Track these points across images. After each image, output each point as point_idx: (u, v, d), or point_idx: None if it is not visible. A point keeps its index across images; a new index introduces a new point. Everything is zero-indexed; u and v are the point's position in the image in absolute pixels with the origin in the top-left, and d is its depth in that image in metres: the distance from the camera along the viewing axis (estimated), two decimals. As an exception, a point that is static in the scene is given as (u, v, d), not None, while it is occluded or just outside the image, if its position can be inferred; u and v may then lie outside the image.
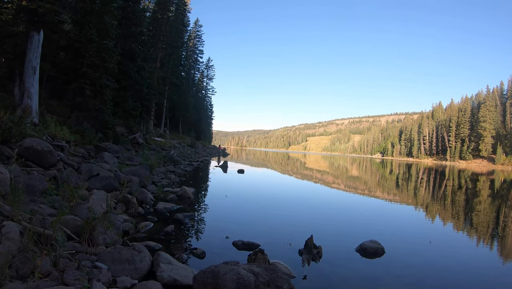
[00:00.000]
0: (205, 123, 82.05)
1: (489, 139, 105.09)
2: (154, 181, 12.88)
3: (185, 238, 6.67)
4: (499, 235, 10.39)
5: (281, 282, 3.74)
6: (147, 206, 8.83)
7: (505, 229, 11.45)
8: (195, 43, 63.21)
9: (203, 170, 25.23)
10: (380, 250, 6.87)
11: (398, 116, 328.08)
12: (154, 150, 25.00)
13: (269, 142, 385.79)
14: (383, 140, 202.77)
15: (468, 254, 7.96)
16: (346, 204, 14.98)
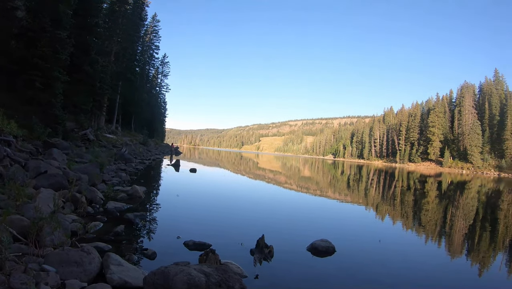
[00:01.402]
0: (158, 121, 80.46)
1: (437, 143, 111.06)
2: (104, 180, 12.49)
3: (136, 239, 6.51)
4: (446, 233, 10.97)
5: (232, 282, 3.75)
6: (96, 206, 8.53)
7: (452, 227, 12.12)
8: (151, 38, 61.47)
9: (155, 168, 24.83)
10: (331, 249, 7.04)
11: (350, 120, 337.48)
12: (105, 147, 24.30)
13: (222, 142, 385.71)
14: (335, 142, 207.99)
15: (417, 251, 8.35)
16: (297, 203, 15.23)
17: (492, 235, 11.23)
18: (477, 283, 6.49)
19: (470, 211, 16.81)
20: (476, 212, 16.64)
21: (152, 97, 69.44)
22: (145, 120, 63.03)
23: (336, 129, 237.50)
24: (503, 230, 12.35)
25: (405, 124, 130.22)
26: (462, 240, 10.21)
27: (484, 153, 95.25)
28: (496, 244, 10.00)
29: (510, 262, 8.18)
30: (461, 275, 6.84)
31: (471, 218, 14.83)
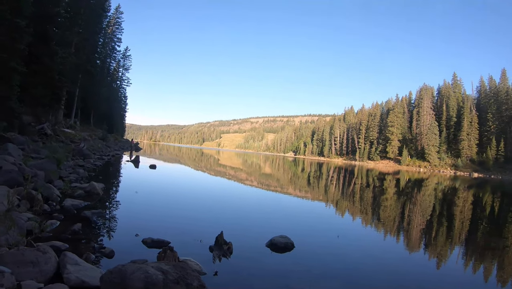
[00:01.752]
0: (118, 116, 78.65)
1: (396, 142, 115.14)
2: (61, 176, 12.11)
3: (94, 237, 6.36)
4: (405, 229, 11.38)
5: (191, 279, 3.75)
6: (53, 203, 8.24)
7: (410, 223, 12.58)
8: (113, 30, 59.54)
9: (114, 164, 24.31)
10: (290, 244, 7.15)
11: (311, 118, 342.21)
12: (63, 142, 23.55)
13: (183, 138, 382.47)
14: (296, 140, 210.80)
15: (375, 246, 8.63)
16: (257, 200, 15.37)
17: (449, 230, 11.76)
18: (435, 275, 6.78)
19: (427, 207, 17.48)
20: (433, 208, 17.32)
21: (112, 91, 67.41)
22: (105, 115, 61.28)
23: (297, 127, 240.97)
24: (458, 225, 12.98)
25: (365, 124, 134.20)
26: (420, 235, 10.63)
27: (441, 152, 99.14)
28: (453, 239, 10.50)
29: (467, 255, 8.64)
30: (419, 268, 7.12)
31: (428, 214, 15.44)
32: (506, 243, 10.26)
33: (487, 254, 8.83)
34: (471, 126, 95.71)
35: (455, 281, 6.55)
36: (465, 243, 10.12)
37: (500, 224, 14.11)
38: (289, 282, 5.40)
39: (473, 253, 8.97)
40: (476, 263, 7.93)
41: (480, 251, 9.13)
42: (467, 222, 14.02)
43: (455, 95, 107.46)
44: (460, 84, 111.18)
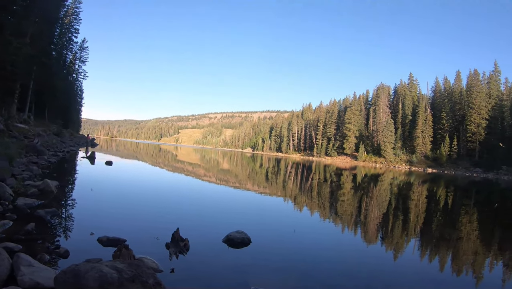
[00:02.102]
0: (74, 111, 76.04)
1: (352, 139, 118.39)
2: (14, 174, 11.64)
3: (48, 237, 6.18)
4: (362, 222, 11.78)
5: (146, 277, 3.77)
6: (5, 202, 7.90)
7: (367, 216, 13.00)
8: (71, 20, 57.20)
9: (69, 161, 23.55)
10: (247, 240, 7.27)
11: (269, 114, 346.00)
12: (15, 138, 22.56)
13: (140, 133, 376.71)
14: (254, 136, 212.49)
15: (332, 239, 8.91)
16: (215, 196, 15.41)
17: (404, 223, 12.29)
18: (392, 266, 7.07)
19: (384, 201, 18.12)
20: (389, 202, 17.99)
21: (68, 85, 64.70)
22: (60, 110, 59.05)
23: (256, 123, 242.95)
24: (414, 218, 13.56)
25: (322, 120, 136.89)
26: (377, 228, 11.02)
27: (396, 148, 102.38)
28: (408, 231, 11.00)
29: (422, 246, 9.07)
30: (377, 260, 7.38)
31: (385, 207, 16.05)
32: (459, 234, 10.87)
33: (441, 245, 9.31)
34: (425, 124, 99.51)
35: (411, 271, 6.86)
36: (420, 235, 10.60)
37: (453, 216, 14.90)
38: (246, 277, 5.47)
39: (428, 244, 9.42)
40: (431, 254, 8.31)
41: (435, 242, 9.58)
42: (422, 214, 14.67)
43: (411, 94, 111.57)
44: (416, 84, 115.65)
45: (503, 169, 74.25)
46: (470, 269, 7.29)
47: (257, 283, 5.14)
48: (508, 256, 8.61)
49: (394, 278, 6.33)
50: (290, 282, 5.49)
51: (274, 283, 5.34)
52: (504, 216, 16.75)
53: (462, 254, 8.45)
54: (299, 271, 6.02)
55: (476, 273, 7.05)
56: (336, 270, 6.40)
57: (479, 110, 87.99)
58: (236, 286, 5.14)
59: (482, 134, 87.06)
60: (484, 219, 15.30)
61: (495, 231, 12.44)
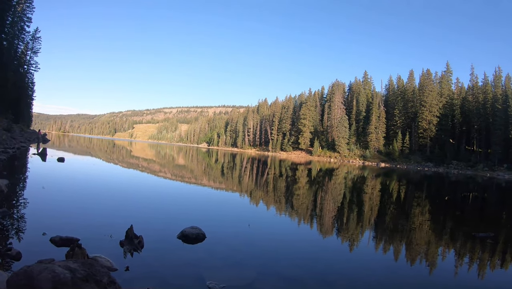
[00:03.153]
0: (25, 104, 71.51)
1: (308, 134, 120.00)
2: (-42, 173, 11.28)
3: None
4: (317, 215, 12.09)
5: (100, 276, 3.78)
6: None
7: (322, 210, 13.35)
8: (24, 8, 53.72)
9: (20, 158, 22.65)
10: (201, 235, 7.37)
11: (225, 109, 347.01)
12: (-39, 135, 21.62)
13: (94, 129, 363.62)
14: (209, 131, 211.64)
15: (288, 233, 9.12)
16: (169, 192, 15.45)
17: (359, 215, 12.76)
18: (347, 258, 7.38)
19: (338, 195, 18.68)
20: (343, 196, 18.57)
21: (19, 77, 61.17)
22: (11, 103, 55.96)
23: (211, 118, 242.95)
24: (368, 210, 14.11)
25: (278, 116, 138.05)
26: (332, 221, 11.40)
27: (350, 143, 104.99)
28: (363, 223, 11.44)
29: (377, 237, 9.49)
30: (332, 252, 7.70)
31: (339, 201, 16.57)
32: (413, 225, 11.49)
33: (395, 235, 9.77)
34: (379, 120, 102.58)
35: (366, 261, 7.18)
36: (375, 227, 11.12)
37: (406, 208, 15.62)
38: (202, 271, 5.52)
39: (383, 235, 9.88)
40: (386, 244, 8.72)
41: (389, 233, 10.05)
42: (376, 207, 15.32)
43: (365, 91, 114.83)
44: (370, 82, 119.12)
45: (453, 164, 78.45)
46: (423, 257, 7.71)
47: (212, 278, 5.23)
48: (459, 245, 9.20)
49: (350, 268, 6.64)
50: (246, 276, 5.59)
51: (230, 277, 5.43)
52: (455, 207, 17.79)
53: (416, 243, 8.94)
54: (254, 265, 6.16)
55: (429, 260, 7.49)
56: (292, 262, 6.57)
57: (431, 108, 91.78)
58: (191, 282, 5.20)
59: (433, 131, 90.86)
60: (435, 210, 16.11)
61: (447, 222, 13.21)
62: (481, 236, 9.52)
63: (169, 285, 5.00)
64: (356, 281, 5.91)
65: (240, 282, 5.33)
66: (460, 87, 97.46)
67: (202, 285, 5.05)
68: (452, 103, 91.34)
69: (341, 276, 6.07)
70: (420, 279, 6.29)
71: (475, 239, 9.40)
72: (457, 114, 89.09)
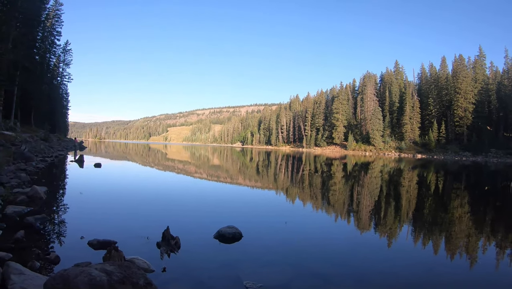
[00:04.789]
0: (60, 114, 75.16)
1: (341, 128, 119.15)
2: (2, 182, 11.51)
3: (38, 243, 6.14)
4: (354, 210, 11.79)
5: (136, 278, 3.78)
6: None
7: (359, 205, 13.04)
8: (53, 23, 56.44)
9: (58, 166, 23.32)
10: (238, 234, 7.30)
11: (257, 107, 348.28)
12: (2, 146, 22.30)
13: (129, 134, 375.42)
14: (243, 130, 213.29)
15: (325, 230, 8.88)
16: (205, 192, 15.41)
17: (397, 209, 12.38)
18: (386, 253, 7.09)
19: (375, 189, 18.21)
20: (380, 189, 18.10)
21: (53, 89, 64.55)
22: (47, 114, 58.42)
23: (244, 117, 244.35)
24: (406, 203, 13.69)
25: (310, 111, 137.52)
26: (369, 216, 11.06)
27: (385, 136, 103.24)
28: (401, 217, 11.08)
29: (415, 231, 9.13)
30: (370, 248, 7.37)
31: (376, 195, 16.13)
32: (452, 217, 11.01)
33: (434, 229, 9.37)
34: (413, 110, 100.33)
35: (405, 257, 6.90)
36: (413, 220, 10.73)
37: (445, 200, 15.03)
38: (238, 271, 5.44)
39: (421, 229, 9.49)
40: (425, 239, 8.37)
41: (427, 227, 9.66)
42: (414, 200, 14.83)
43: (397, 81, 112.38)
44: (402, 71, 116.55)
45: (491, 152, 75.55)
46: (463, 251, 7.34)
47: (249, 278, 5.14)
48: (500, 237, 8.72)
49: (388, 265, 6.35)
50: (283, 275, 5.46)
51: (267, 277, 5.32)
52: (495, 198, 16.96)
53: (455, 237, 8.53)
54: (291, 263, 5.99)
55: (469, 254, 7.11)
56: (330, 259, 6.39)
57: (466, 94, 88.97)
58: (228, 283, 5.11)
59: (469, 119, 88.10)
60: (475, 201, 15.47)
61: (487, 213, 12.60)
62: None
63: (206, 286, 4.94)
64: (394, 277, 5.66)
65: (277, 282, 5.21)
66: (495, 71, 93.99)
67: (239, 285, 4.96)
68: (487, 89, 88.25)
69: (379, 273, 5.82)
70: (460, 273, 6.00)
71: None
72: (493, 99, 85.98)
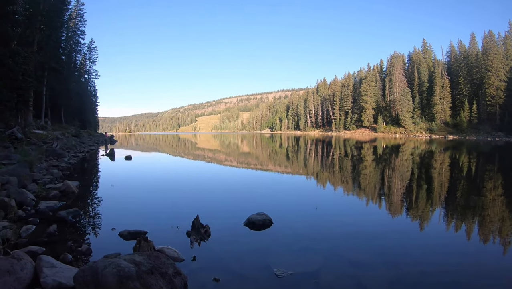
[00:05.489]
0: (89, 111, 76.91)
1: (370, 111, 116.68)
2: (35, 179, 11.84)
3: (70, 237, 6.24)
4: (385, 194, 11.60)
5: (165, 268, 3.78)
6: (28, 207, 8.06)
7: (390, 188, 12.78)
8: (76, 23, 58.37)
9: (89, 160, 23.88)
10: (268, 221, 7.24)
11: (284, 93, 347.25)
12: (35, 144, 22.97)
13: (158, 126, 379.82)
14: (271, 116, 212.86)
15: (356, 215, 8.73)
16: (234, 179, 15.43)
17: (429, 192, 12.03)
18: (418, 238, 6.85)
19: (406, 172, 17.81)
20: (411, 172, 17.68)
21: (81, 86, 66.25)
22: (76, 111, 60.14)
23: (271, 104, 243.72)
24: (438, 187, 13.30)
25: (338, 95, 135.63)
26: (401, 200, 10.81)
27: (415, 117, 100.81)
28: (433, 200, 10.73)
29: (447, 215, 8.81)
30: (402, 233, 7.19)
31: (408, 178, 15.75)
32: (484, 201, 10.51)
33: (467, 213, 9.01)
34: (443, 90, 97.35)
35: (438, 242, 6.63)
36: (445, 204, 10.34)
37: (477, 183, 14.43)
38: (269, 259, 5.39)
39: (454, 213, 9.13)
40: (457, 223, 8.06)
41: (460, 211, 9.30)
42: (446, 183, 14.37)
43: (425, 61, 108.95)
44: (430, 50, 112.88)
45: (525, 132, 72.50)
46: (497, 236, 7.03)
47: (279, 265, 5.07)
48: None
49: (419, 250, 6.10)
50: (313, 262, 5.36)
51: (297, 263, 5.24)
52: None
53: (489, 221, 8.16)
54: (322, 250, 5.89)
55: (503, 239, 6.81)
56: (361, 246, 6.19)
57: (497, 72, 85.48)
58: (258, 270, 5.06)
59: (502, 97, 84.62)
60: (509, 184, 14.81)
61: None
62: None
63: (236, 274, 4.90)
64: (426, 265, 5.39)
65: (307, 268, 5.10)
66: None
67: (270, 273, 4.89)
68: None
69: (410, 259, 5.62)
70: (494, 262, 5.65)
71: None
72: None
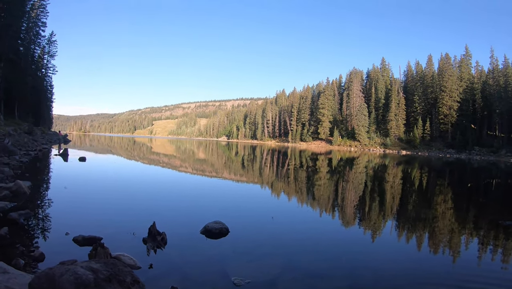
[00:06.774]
0: (44, 107, 73.55)
1: (327, 124, 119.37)
2: (-17, 177, 11.41)
3: (22, 240, 6.01)
4: (339, 205, 11.94)
5: (123, 275, 3.72)
6: None
7: (344, 199, 13.17)
8: (38, 13, 54.94)
9: (42, 160, 22.93)
10: (225, 230, 7.29)
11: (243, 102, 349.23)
12: (-16, 139, 22.02)
13: (114, 127, 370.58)
14: (228, 124, 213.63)
15: (310, 224, 9.00)
16: (191, 187, 15.34)
17: (381, 204, 12.53)
18: (370, 247, 7.20)
19: (360, 184, 18.42)
20: (365, 185, 18.31)
21: (37, 80, 62.92)
22: (31, 107, 57.34)
23: (230, 111, 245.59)
24: (390, 199, 13.88)
25: (296, 106, 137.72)
26: (354, 211, 11.20)
27: (370, 132, 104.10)
28: (385, 212, 11.18)
29: (399, 226, 9.26)
30: (355, 242, 7.53)
31: (361, 190, 16.33)
32: (435, 213, 11.16)
33: (418, 224, 9.52)
34: (398, 107, 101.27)
35: (389, 251, 7.00)
36: (397, 216, 10.86)
37: (428, 196, 15.30)
38: (226, 267, 5.44)
39: (405, 224, 9.62)
40: (408, 234, 8.48)
41: (411, 222, 9.82)
42: (398, 196, 15.03)
43: (383, 78, 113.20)
44: (388, 68, 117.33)
45: (475, 150, 77.22)
46: (447, 246, 7.46)
47: (237, 274, 5.14)
48: (483, 234, 8.81)
49: (373, 259, 6.40)
50: (271, 270, 5.47)
51: (255, 272, 5.31)
52: (478, 194, 17.27)
53: (438, 232, 8.65)
54: (279, 259, 6.01)
55: (452, 250, 7.22)
56: (316, 254, 6.44)
57: (451, 93, 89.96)
58: (216, 278, 5.09)
59: (454, 116, 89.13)
60: (458, 198, 15.69)
61: (470, 210, 12.80)
62: (507, 224, 9.12)
63: (193, 282, 4.91)
64: (380, 272, 5.70)
65: (265, 277, 5.20)
66: (480, 71, 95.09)
67: (227, 281, 4.94)
68: (472, 88, 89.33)
69: (365, 268, 5.87)
70: (444, 268, 6.04)
71: (501, 227, 9.03)
72: (478, 98, 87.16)
